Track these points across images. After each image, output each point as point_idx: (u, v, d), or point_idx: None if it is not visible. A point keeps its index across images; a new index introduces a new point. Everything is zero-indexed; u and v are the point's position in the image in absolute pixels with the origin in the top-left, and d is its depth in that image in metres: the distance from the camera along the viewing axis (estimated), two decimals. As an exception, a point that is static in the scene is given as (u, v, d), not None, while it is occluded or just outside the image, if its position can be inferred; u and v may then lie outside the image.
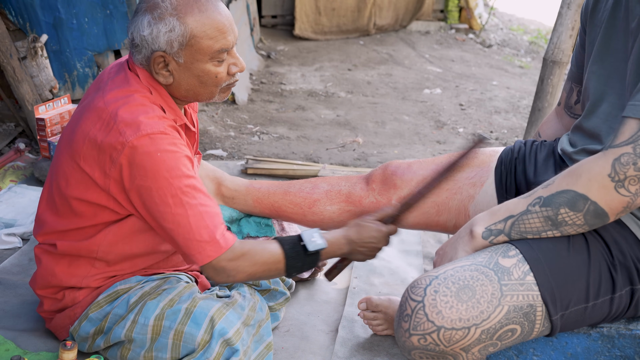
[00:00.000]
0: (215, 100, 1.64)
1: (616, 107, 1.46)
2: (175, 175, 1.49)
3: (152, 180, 1.49)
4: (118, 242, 1.63)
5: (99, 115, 1.54)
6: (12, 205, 2.52)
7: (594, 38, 1.56)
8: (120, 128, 1.49)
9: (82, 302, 1.67)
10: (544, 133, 1.90)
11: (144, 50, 1.54)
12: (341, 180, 1.96)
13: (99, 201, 1.57)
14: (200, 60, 1.55)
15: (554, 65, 3.02)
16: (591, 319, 1.41)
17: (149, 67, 1.57)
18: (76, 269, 1.66)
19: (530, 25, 7.90)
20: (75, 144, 1.57)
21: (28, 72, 2.99)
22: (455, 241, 1.45)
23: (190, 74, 1.56)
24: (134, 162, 1.49)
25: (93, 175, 1.55)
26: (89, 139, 1.54)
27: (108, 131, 1.51)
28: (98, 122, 1.53)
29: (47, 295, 1.71)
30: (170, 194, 1.49)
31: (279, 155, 3.51)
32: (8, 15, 3.11)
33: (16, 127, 3.27)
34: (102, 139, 1.51)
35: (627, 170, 1.28)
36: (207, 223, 1.51)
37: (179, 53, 1.53)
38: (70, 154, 1.58)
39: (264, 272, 1.58)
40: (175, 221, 1.50)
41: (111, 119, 1.51)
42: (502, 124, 4.33)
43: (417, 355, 1.36)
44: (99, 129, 1.52)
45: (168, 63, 1.55)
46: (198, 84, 1.58)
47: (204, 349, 1.55)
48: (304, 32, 6.19)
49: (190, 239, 1.50)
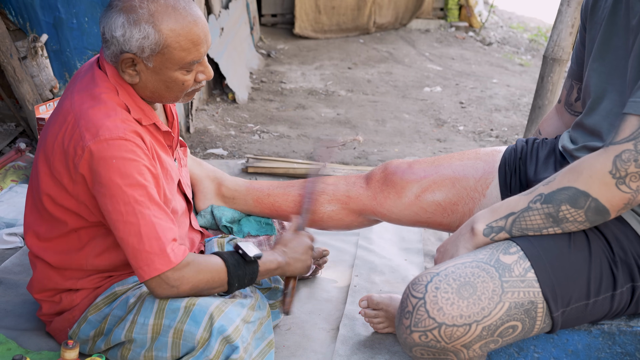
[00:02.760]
0: (180, 101, 1.64)
1: (617, 105, 1.46)
2: (129, 183, 1.47)
3: (106, 187, 1.48)
4: (104, 252, 1.63)
5: (65, 117, 1.54)
6: (13, 205, 2.52)
7: (594, 35, 1.56)
8: (81, 132, 1.49)
9: (80, 304, 1.67)
10: (544, 130, 1.90)
11: (113, 47, 1.52)
12: (341, 180, 1.95)
13: (70, 207, 1.57)
14: (170, 69, 1.53)
15: (554, 62, 3.02)
16: (592, 315, 1.41)
17: (117, 64, 1.55)
18: (71, 274, 1.66)
19: (530, 23, 7.89)
20: (47, 148, 1.57)
21: (28, 71, 2.99)
22: (456, 238, 1.45)
23: (158, 78, 1.55)
24: (92, 167, 1.48)
25: (62, 181, 1.55)
26: (57, 143, 1.54)
27: (71, 135, 1.50)
28: (64, 124, 1.53)
29: (44, 298, 1.71)
30: (122, 201, 1.47)
31: (279, 154, 3.51)
32: (8, 15, 3.11)
33: (17, 127, 3.28)
34: (67, 144, 1.51)
35: (628, 167, 1.28)
36: (159, 235, 1.49)
37: (149, 58, 1.52)
38: (44, 157, 1.59)
39: (208, 281, 1.57)
40: (127, 230, 1.48)
41: (75, 123, 1.51)
42: (502, 121, 4.32)
43: (419, 352, 1.36)
44: (64, 132, 1.52)
45: (137, 64, 1.53)
46: (164, 88, 1.57)
47: (204, 347, 1.54)
48: (304, 31, 6.19)
49: (140, 250, 1.48)
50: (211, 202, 2.05)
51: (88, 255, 1.63)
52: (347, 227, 1.98)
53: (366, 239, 2.48)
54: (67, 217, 1.60)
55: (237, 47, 4.82)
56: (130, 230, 1.48)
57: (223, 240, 1.92)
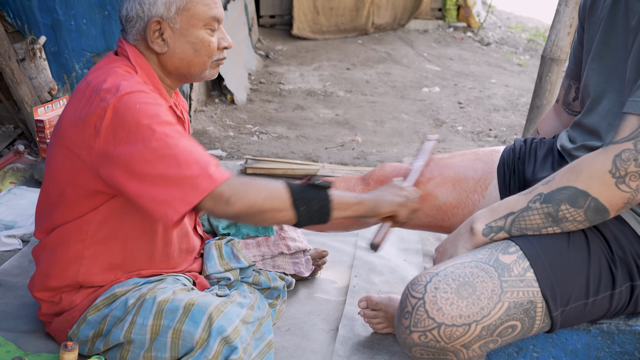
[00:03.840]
0: (205, 76, 1.65)
1: (616, 104, 1.46)
2: (157, 122, 1.47)
3: (134, 131, 1.45)
4: (108, 220, 1.61)
5: (82, 94, 1.54)
6: (11, 207, 2.52)
7: (593, 35, 1.56)
8: (101, 96, 1.49)
9: (80, 305, 1.67)
10: (542, 130, 1.90)
11: (140, 21, 1.58)
12: (339, 182, 1.95)
13: (88, 184, 1.56)
14: (195, 26, 1.58)
15: (552, 62, 3.02)
16: (591, 315, 1.41)
17: (144, 39, 1.59)
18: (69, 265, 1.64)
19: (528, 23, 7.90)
20: (62, 130, 1.57)
21: (27, 73, 2.99)
22: (455, 238, 1.45)
23: (185, 40, 1.59)
24: (116, 121, 1.47)
25: (80, 155, 1.53)
26: (74, 119, 1.54)
27: (90, 104, 1.51)
28: (82, 100, 1.53)
29: (44, 298, 1.71)
30: (154, 138, 1.45)
31: (278, 154, 3.51)
32: (6, 17, 3.11)
33: (15, 129, 3.28)
34: (86, 113, 1.51)
35: (628, 166, 1.28)
36: (198, 159, 1.45)
37: (175, 18, 1.57)
38: (59, 141, 1.58)
39: (265, 199, 1.46)
40: (164, 165, 1.44)
41: (93, 92, 1.51)
42: (500, 121, 4.33)
43: (418, 352, 1.36)
44: (83, 105, 1.52)
45: (163, 32, 1.58)
46: (192, 52, 1.60)
47: (203, 347, 1.54)
48: (303, 32, 6.19)
49: (182, 178, 1.43)
50: None
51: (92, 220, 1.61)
52: (346, 228, 1.98)
53: (365, 239, 2.48)
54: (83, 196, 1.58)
55: (235, 48, 4.82)
56: (168, 163, 1.44)
57: (221, 242, 1.92)
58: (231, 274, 1.87)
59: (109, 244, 1.64)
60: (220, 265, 1.87)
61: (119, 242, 1.65)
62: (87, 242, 1.63)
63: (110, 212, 1.61)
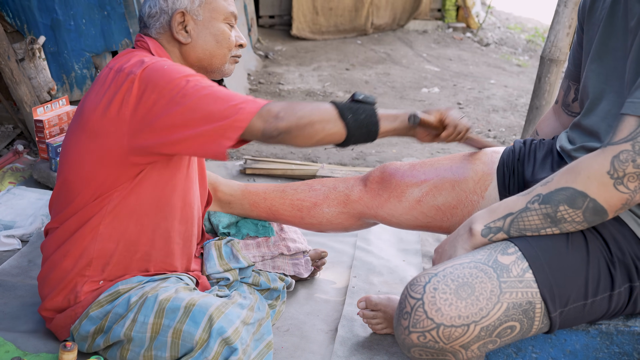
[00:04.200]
0: (224, 70, 1.71)
1: (615, 105, 1.46)
2: (188, 73, 1.53)
3: (168, 87, 1.50)
4: (128, 196, 1.62)
5: (104, 79, 1.58)
6: (11, 207, 2.52)
7: (592, 36, 1.56)
8: (126, 72, 1.54)
9: (84, 301, 1.67)
10: (541, 131, 1.90)
11: (164, 15, 1.65)
12: (338, 182, 1.95)
13: (114, 168, 1.58)
14: (217, 19, 1.67)
15: (552, 63, 3.03)
16: (590, 315, 1.42)
17: (168, 31, 1.65)
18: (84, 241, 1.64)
19: (527, 24, 7.91)
20: (84, 118, 1.59)
21: (26, 73, 2.99)
22: (454, 239, 1.45)
23: (208, 32, 1.66)
24: (146, 86, 1.51)
25: (108, 134, 1.55)
26: (97, 103, 1.56)
27: (116, 83, 1.54)
28: (104, 84, 1.57)
29: (49, 293, 1.70)
30: (189, 86, 1.50)
31: (277, 155, 3.51)
32: (5, 17, 3.10)
33: (14, 129, 3.28)
34: (112, 92, 1.54)
35: (626, 167, 1.28)
36: (236, 94, 1.52)
37: (198, 10, 1.65)
38: (80, 129, 1.60)
39: (312, 111, 1.50)
40: (206, 103, 1.48)
41: (116, 73, 1.56)
42: (500, 122, 4.33)
43: (417, 353, 1.36)
44: (107, 87, 1.56)
45: (187, 24, 1.65)
46: (214, 43, 1.67)
47: (202, 347, 1.54)
48: (302, 32, 6.19)
49: (226, 108, 1.47)
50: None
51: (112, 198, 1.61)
52: (346, 229, 1.98)
53: (364, 240, 2.48)
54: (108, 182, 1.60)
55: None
56: (208, 102, 1.48)
57: (220, 242, 1.93)
58: (230, 274, 1.87)
59: (124, 219, 1.64)
60: (219, 266, 1.87)
61: (135, 217, 1.65)
62: (104, 218, 1.63)
63: (133, 189, 1.62)
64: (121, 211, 1.63)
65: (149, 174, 1.61)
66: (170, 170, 1.65)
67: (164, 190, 1.65)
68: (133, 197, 1.63)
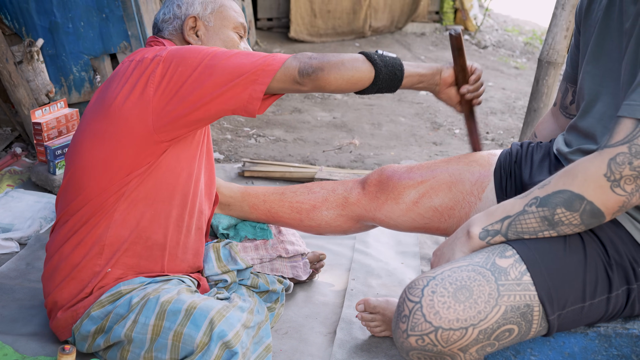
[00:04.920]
0: None
1: (611, 107, 1.47)
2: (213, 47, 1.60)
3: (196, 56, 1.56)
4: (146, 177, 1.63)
5: (126, 69, 1.61)
6: (9, 210, 2.52)
7: (588, 38, 1.56)
8: (151, 56, 1.59)
9: (85, 301, 1.67)
10: (539, 134, 1.90)
11: (177, 20, 1.73)
12: (337, 185, 1.95)
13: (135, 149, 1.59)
14: (227, 27, 1.75)
15: (549, 65, 3.03)
16: (588, 318, 1.42)
17: (180, 34, 1.73)
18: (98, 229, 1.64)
19: (525, 26, 7.92)
20: (106, 105, 1.60)
21: (24, 76, 2.99)
22: (453, 242, 1.45)
23: (218, 37, 1.74)
24: (171, 63, 1.56)
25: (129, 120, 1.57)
26: (122, 89, 1.59)
27: (141, 69, 1.58)
28: (126, 73, 1.60)
29: (58, 284, 1.70)
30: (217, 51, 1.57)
31: (275, 157, 3.51)
32: (4, 19, 3.11)
33: (12, 132, 3.27)
34: (136, 77, 1.58)
35: (622, 170, 1.28)
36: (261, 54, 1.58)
37: (209, 17, 1.73)
38: (102, 118, 1.61)
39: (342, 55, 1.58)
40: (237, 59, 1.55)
41: (139, 62, 1.60)
42: (498, 124, 4.34)
43: (415, 356, 1.36)
44: (130, 75, 1.59)
45: (198, 29, 1.73)
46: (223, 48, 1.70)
47: (203, 351, 1.55)
48: (300, 35, 6.20)
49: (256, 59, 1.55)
50: None
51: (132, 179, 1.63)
52: (345, 232, 1.98)
53: (363, 242, 2.48)
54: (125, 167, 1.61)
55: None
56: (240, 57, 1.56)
57: (218, 245, 1.93)
58: (228, 275, 1.87)
59: (139, 204, 1.65)
60: (217, 268, 1.87)
61: (148, 202, 1.66)
62: (120, 204, 1.64)
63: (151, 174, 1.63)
64: (137, 197, 1.64)
65: (167, 160, 1.64)
66: (187, 158, 1.68)
67: (179, 178, 1.68)
68: (150, 183, 1.64)
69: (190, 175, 1.71)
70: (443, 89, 1.71)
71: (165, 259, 1.73)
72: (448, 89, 1.72)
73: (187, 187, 1.71)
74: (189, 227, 1.77)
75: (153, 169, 1.63)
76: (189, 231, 1.77)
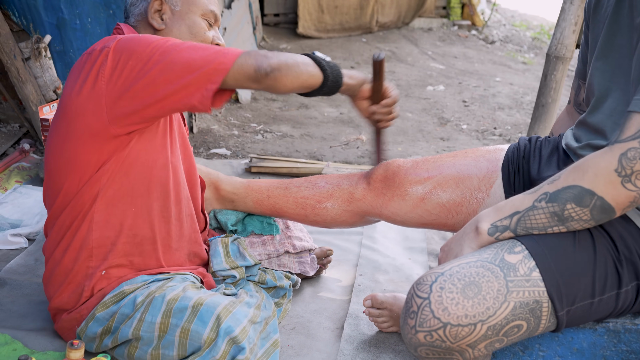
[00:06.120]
0: None
1: (621, 103, 1.46)
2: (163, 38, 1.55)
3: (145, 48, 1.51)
4: (115, 177, 1.62)
5: (79, 62, 1.60)
6: (17, 206, 2.53)
7: (597, 34, 1.55)
8: (100, 47, 1.56)
9: (88, 303, 1.67)
10: (556, 132, 1.89)
11: (142, 3, 1.68)
12: (342, 180, 1.94)
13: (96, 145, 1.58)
14: (194, 12, 1.69)
15: (557, 60, 3.02)
16: (597, 314, 1.41)
17: (145, 19, 1.69)
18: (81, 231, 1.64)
19: (533, 21, 7.89)
20: (64, 102, 1.60)
21: (32, 72, 2.99)
22: (461, 237, 1.45)
23: (183, 22, 1.69)
24: (121, 55, 1.52)
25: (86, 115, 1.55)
26: (76, 83, 1.57)
27: (91, 60, 1.56)
28: (78, 66, 1.59)
29: (55, 292, 1.71)
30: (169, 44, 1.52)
31: (282, 153, 3.51)
32: (11, 16, 3.11)
33: (20, 128, 3.28)
34: (87, 70, 1.55)
35: (634, 165, 1.28)
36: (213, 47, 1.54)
37: (176, 1, 1.68)
38: (62, 116, 1.61)
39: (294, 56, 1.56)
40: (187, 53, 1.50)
41: (89, 53, 1.58)
42: (505, 120, 4.32)
43: (424, 352, 1.36)
44: (82, 68, 1.57)
45: (164, 13, 1.68)
46: (188, 33, 1.69)
47: (210, 347, 1.55)
48: (307, 30, 6.19)
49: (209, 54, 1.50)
50: (212, 207, 2.05)
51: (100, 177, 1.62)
52: (351, 226, 1.98)
53: (370, 238, 2.48)
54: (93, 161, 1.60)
55: (239, 47, 4.82)
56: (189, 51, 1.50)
57: (227, 239, 1.93)
58: (237, 271, 1.87)
59: (118, 204, 1.64)
60: (225, 263, 1.87)
61: (127, 200, 1.65)
62: (97, 205, 1.63)
63: (121, 170, 1.62)
64: (113, 195, 1.63)
65: (136, 153, 1.62)
66: (156, 148, 1.66)
67: (153, 170, 1.66)
68: (123, 180, 1.63)
69: (166, 165, 1.69)
70: (358, 99, 1.76)
71: (159, 252, 1.72)
72: (362, 101, 1.76)
73: (165, 177, 1.69)
74: (178, 216, 1.75)
75: (123, 165, 1.61)
76: (178, 220, 1.75)
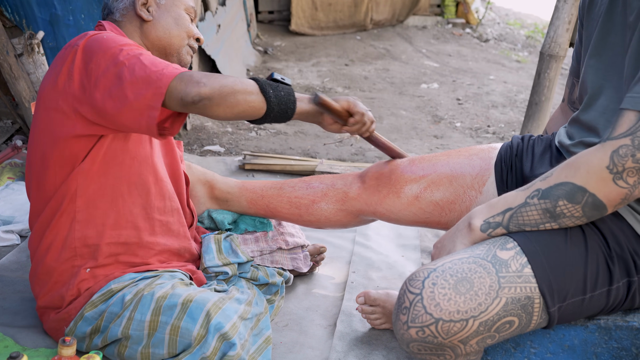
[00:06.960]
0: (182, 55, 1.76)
1: (614, 101, 1.46)
2: (124, 43, 1.56)
3: (104, 54, 1.52)
4: (93, 175, 1.62)
5: (58, 57, 1.62)
6: (9, 202, 2.52)
7: (591, 32, 1.56)
8: (72, 45, 1.59)
9: (76, 302, 1.67)
10: (550, 130, 1.89)
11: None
12: (336, 180, 1.94)
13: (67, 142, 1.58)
14: (178, 6, 1.76)
15: (551, 59, 3.03)
16: (588, 310, 1.42)
17: (132, 11, 1.72)
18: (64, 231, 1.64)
19: (527, 20, 7.91)
20: (42, 94, 1.62)
21: (25, 69, 2.98)
22: (454, 234, 1.45)
23: (169, 14, 1.74)
24: (86, 57, 1.54)
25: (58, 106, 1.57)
26: (50, 77, 1.60)
27: (64, 56, 1.59)
28: (55, 62, 1.61)
29: (40, 290, 1.70)
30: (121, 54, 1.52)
31: (276, 150, 3.50)
32: (4, 12, 3.10)
33: (13, 124, 3.27)
34: (60, 65, 1.58)
35: (625, 162, 1.28)
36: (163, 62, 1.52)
37: None
38: (41, 107, 1.62)
39: (234, 82, 1.49)
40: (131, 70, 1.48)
41: (64, 49, 1.60)
42: (499, 118, 4.33)
43: (416, 348, 1.36)
44: (56, 63, 1.60)
45: (150, 6, 1.73)
46: (174, 24, 1.74)
47: (200, 344, 1.54)
48: (301, 28, 6.18)
49: (149, 74, 1.47)
50: (206, 207, 2.04)
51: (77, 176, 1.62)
52: (344, 226, 1.98)
53: (363, 235, 2.48)
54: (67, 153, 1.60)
55: (233, 44, 4.82)
56: (134, 68, 1.49)
57: (220, 236, 1.93)
58: (229, 268, 1.87)
59: (98, 203, 1.65)
60: (218, 259, 1.87)
61: (107, 199, 1.65)
62: (77, 204, 1.63)
63: (93, 168, 1.62)
64: (93, 195, 1.63)
65: (113, 152, 1.63)
66: (134, 145, 1.66)
67: (132, 168, 1.66)
68: (102, 179, 1.63)
69: (145, 160, 1.69)
70: (326, 126, 1.73)
71: (146, 249, 1.72)
72: (331, 126, 1.73)
73: (145, 173, 1.69)
74: (163, 211, 1.75)
75: (101, 165, 1.62)
76: (163, 215, 1.75)
